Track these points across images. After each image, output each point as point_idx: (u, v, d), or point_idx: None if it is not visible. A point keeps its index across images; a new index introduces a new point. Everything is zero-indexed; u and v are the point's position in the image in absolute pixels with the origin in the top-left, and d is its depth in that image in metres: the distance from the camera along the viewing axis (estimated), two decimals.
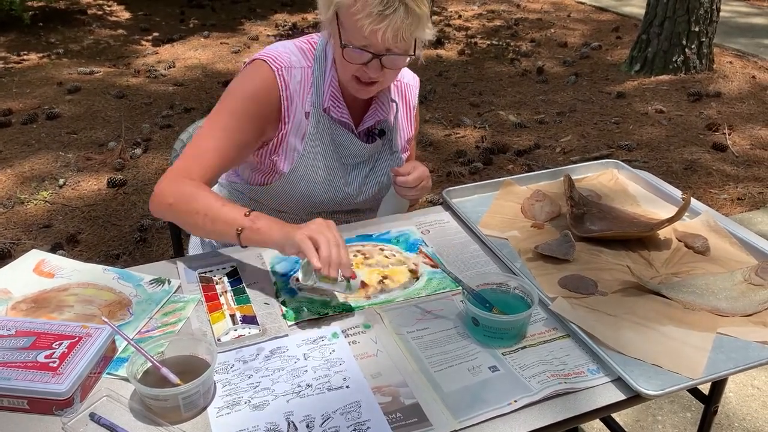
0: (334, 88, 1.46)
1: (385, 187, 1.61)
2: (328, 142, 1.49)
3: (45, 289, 1.28)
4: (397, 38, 1.28)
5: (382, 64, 1.34)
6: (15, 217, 3.20)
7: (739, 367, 1.09)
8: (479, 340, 1.16)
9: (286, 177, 1.50)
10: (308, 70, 1.46)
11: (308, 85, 1.46)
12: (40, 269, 1.34)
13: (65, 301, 1.24)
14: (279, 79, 1.42)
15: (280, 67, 1.42)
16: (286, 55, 1.45)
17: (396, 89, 1.60)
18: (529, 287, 1.20)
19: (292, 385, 1.06)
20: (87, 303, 1.24)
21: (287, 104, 1.44)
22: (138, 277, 1.32)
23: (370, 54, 1.32)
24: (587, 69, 5.28)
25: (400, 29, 1.27)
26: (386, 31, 1.26)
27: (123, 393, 1.04)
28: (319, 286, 1.19)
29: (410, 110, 1.65)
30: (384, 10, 1.25)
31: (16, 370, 1.01)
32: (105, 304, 1.24)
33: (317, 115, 1.46)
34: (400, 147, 1.62)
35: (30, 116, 4.26)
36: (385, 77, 1.38)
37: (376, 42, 1.29)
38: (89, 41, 6.06)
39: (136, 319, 1.21)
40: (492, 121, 4.32)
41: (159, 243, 3.02)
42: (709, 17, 4.94)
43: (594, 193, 1.63)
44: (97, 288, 1.29)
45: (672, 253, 1.41)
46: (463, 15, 7.00)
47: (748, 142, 4.02)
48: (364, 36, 1.28)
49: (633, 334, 1.16)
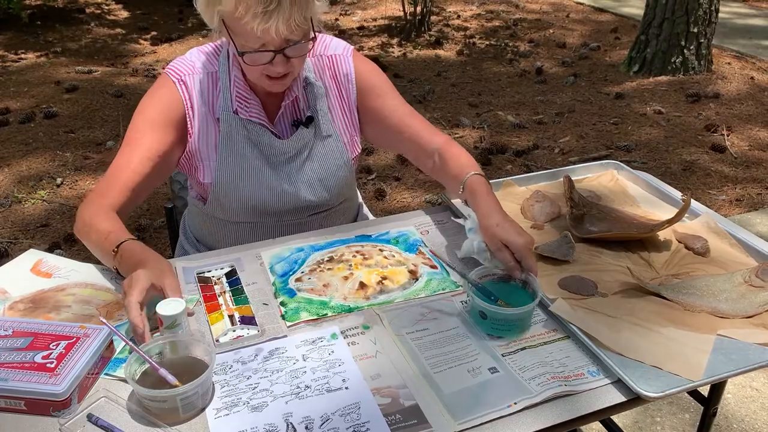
0: (239, 88, 1.41)
1: (332, 176, 1.51)
2: (245, 145, 1.44)
3: (43, 289, 1.27)
4: (291, 27, 1.24)
5: (287, 57, 1.30)
6: (12, 216, 3.19)
7: (740, 369, 1.09)
8: (488, 333, 1.17)
9: (213, 189, 1.46)
10: (214, 74, 1.43)
11: (216, 90, 1.43)
12: (37, 269, 1.33)
13: (63, 301, 1.24)
14: (180, 88, 1.41)
15: (181, 76, 1.41)
16: (189, 63, 1.43)
17: (320, 67, 1.50)
18: (530, 277, 1.21)
19: (291, 387, 1.05)
20: (85, 303, 1.23)
21: (191, 114, 1.42)
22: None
23: (271, 52, 1.28)
24: (586, 70, 5.28)
25: (290, 19, 1.23)
26: (277, 25, 1.22)
27: (121, 394, 1.03)
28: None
29: (345, 90, 1.53)
30: (267, 7, 1.21)
31: (13, 370, 1.00)
32: (103, 304, 1.24)
33: (228, 119, 1.42)
34: (337, 129, 1.51)
35: (27, 115, 4.25)
36: (294, 66, 1.34)
37: (272, 39, 1.25)
38: (87, 40, 6.05)
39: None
40: (491, 121, 4.31)
41: (156, 243, 3.01)
42: (708, 18, 4.95)
43: (594, 194, 1.63)
44: (95, 288, 1.28)
45: (672, 254, 1.41)
46: (462, 15, 6.99)
47: (747, 143, 4.02)
48: (258, 37, 1.25)
49: (633, 335, 1.15)
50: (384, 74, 1.59)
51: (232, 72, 1.41)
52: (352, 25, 6.54)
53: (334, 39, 1.54)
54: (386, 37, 6.15)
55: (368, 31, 6.37)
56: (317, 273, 1.34)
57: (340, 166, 1.51)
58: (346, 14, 6.99)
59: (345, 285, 1.30)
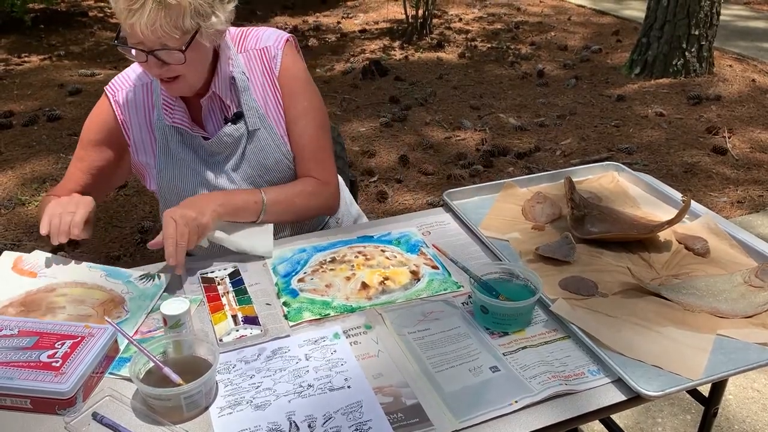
0: (165, 95, 1.42)
1: (272, 170, 1.49)
2: (181, 149, 1.46)
3: (31, 290, 1.26)
4: (157, 33, 1.23)
5: (162, 60, 1.28)
6: (16, 219, 3.20)
7: (739, 369, 1.10)
8: (489, 328, 1.18)
9: (161, 195, 1.52)
10: (149, 85, 1.46)
11: (151, 100, 1.46)
12: (19, 268, 1.32)
13: (55, 302, 1.24)
14: (114, 104, 1.46)
15: (115, 93, 1.46)
16: (124, 77, 1.48)
17: (251, 60, 1.47)
18: (532, 275, 1.23)
19: (294, 385, 1.06)
20: (78, 303, 1.24)
21: (126, 127, 1.47)
22: (126, 274, 1.33)
23: (143, 52, 1.26)
24: (587, 72, 5.29)
25: (155, 23, 1.21)
26: (140, 25, 1.21)
27: (125, 393, 1.04)
28: None
29: (271, 76, 1.48)
30: (132, 5, 1.21)
31: (19, 369, 1.01)
32: (98, 303, 1.24)
33: (161, 127, 1.45)
34: (272, 121, 1.48)
35: (31, 118, 4.27)
36: (182, 71, 1.32)
37: (140, 38, 1.24)
38: (90, 43, 6.08)
39: (133, 316, 1.21)
40: (492, 123, 4.32)
41: None
42: (709, 21, 4.95)
43: (594, 195, 1.64)
44: (86, 287, 1.28)
45: (672, 255, 1.41)
46: (464, 18, 7.01)
47: (748, 146, 4.02)
48: (130, 33, 1.25)
49: (633, 335, 1.16)
50: (310, 82, 1.53)
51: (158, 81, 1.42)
52: (354, 28, 6.56)
53: (268, 30, 1.51)
54: (388, 40, 6.17)
55: (370, 34, 6.39)
56: (320, 273, 1.35)
57: (280, 158, 1.49)
58: (348, 17, 7.01)
59: (347, 285, 1.31)
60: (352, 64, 5.45)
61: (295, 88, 1.49)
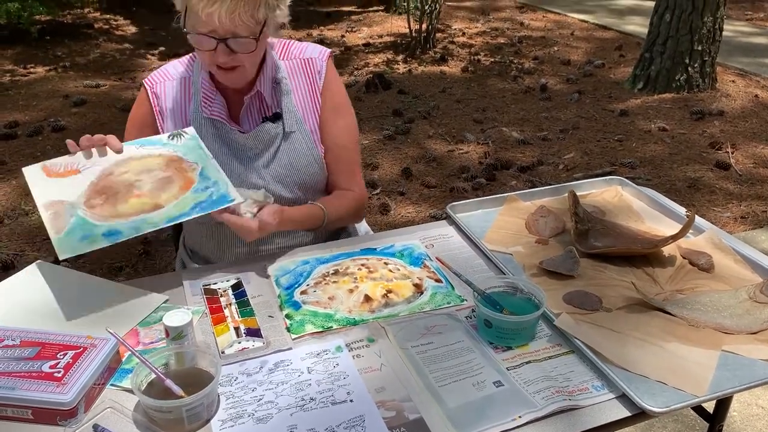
0: (205, 88, 1.47)
1: (302, 172, 1.53)
2: (214, 142, 1.48)
3: (93, 181, 1.31)
4: (235, 21, 1.30)
5: (230, 49, 1.34)
6: (19, 229, 3.20)
7: (745, 385, 1.09)
8: (492, 342, 1.18)
9: None
10: (188, 79, 1.51)
11: (189, 94, 1.50)
12: (56, 171, 1.33)
13: (126, 179, 1.32)
14: (151, 95, 1.50)
15: (153, 84, 1.51)
16: (163, 71, 1.53)
17: (293, 68, 1.53)
18: (536, 289, 1.22)
19: (296, 399, 1.05)
20: (147, 172, 1.31)
21: (160, 118, 1.50)
22: (156, 138, 1.41)
23: (215, 39, 1.32)
24: (590, 87, 5.30)
25: (235, 11, 1.29)
26: (220, 13, 1.28)
27: (127, 404, 1.04)
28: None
29: (315, 87, 1.55)
30: None
31: (20, 379, 1.01)
32: (164, 165, 1.35)
33: (197, 119, 1.48)
34: (308, 126, 1.53)
35: (36, 128, 4.28)
36: (243, 61, 1.38)
37: (215, 25, 1.30)
38: (95, 55, 6.11)
39: (203, 160, 1.37)
40: (495, 137, 4.33)
41: (162, 256, 3.02)
42: (712, 36, 4.97)
43: (598, 209, 1.64)
44: (138, 159, 1.36)
45: (676, 270, 1.41)
46: (467, 32, 7.04)
47: (752, 161, 4.02)
48: (204, 21, 1.30)
49: (637, 350, 1.15)
50: (348, 97, 1.62)
51: (201, 73, 1.47)
52: (357, 42, 6.59)
53: (311, 44, 1.58)
54: (392, 53, 6.19)
55: (374, 47, 6.42)
56: (322, 286, 1.34)
57: (311, 162, 1.53)
58: (352, 31, 7.05)
59: (350, 298, 1.31)
60: (355, 77, 5.47)
61: (337, 103, 1.57)
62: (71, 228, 1.23)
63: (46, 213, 1.25)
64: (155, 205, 1.29)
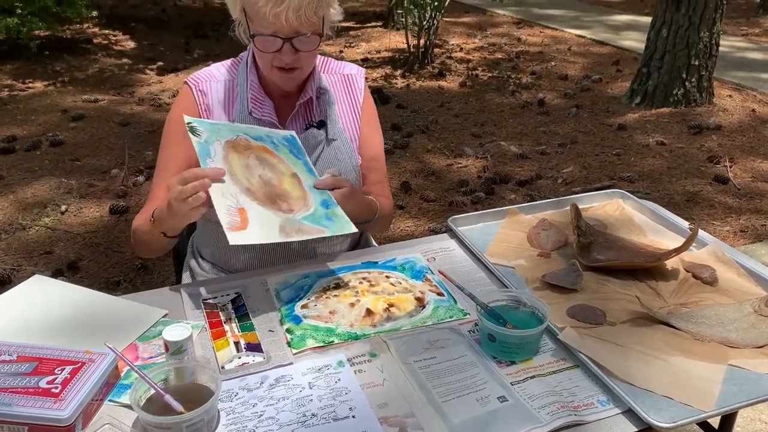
0: (254, 91, 1.49)
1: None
2: None
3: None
4: (300, 19, 1.33)
5: (294, 48, 1.37)
6: (16, 243, 3.19)
7: (752, 400, 1.08)
8: (496, 356, 1.17)
9: None
10: (232, 81, 1.52)
11: (233, 95, 1.51)
12: (237, 226, 1.29)
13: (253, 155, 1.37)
14: (196, 93, 1.50)
15: (198, 83, 1.51)
16: (207, 72, 1.54)
17: (334, 81, 1.60)
18: (539, 303, 1.21)
19: (297, 415, 1.04)
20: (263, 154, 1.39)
21: (206, 115, 1.50)
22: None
23: (280, 39, 1.35)
24: (588, 101, 5.32)
25: (301, 8, 1.31)
26: (288, 12, 1.31)
27: (125, 420, 1.02)
28: None
29: (355, 101, 1.62)
30: None
31: (17, 395, 0.99)
32: (260, 146, 1.40)
33: (243, 121, 1.49)
34: (348, 136, 1.58)
35: (34, 143, 4.28)
36: (303, 62, 1.42)
37: (282, 26, 1.33)
38: (94, 70, 6.12)
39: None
40: (494, 151, 4.33)
41: (160, 270, 3.01)
42: (709, 51, 5.00)
43: (600, 222, 1.63)
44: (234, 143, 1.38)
45: (680, 283, 1.40)
46: (465, 48, 7.08)
47: (750, 175, 4.03)
48: (270, 22, 1.33)
49: (643, 364, 1.14)
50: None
51: (249, 77, 1.49)
52: (356, 57, 6.62)
53: (347, 62, 1.67)
54: (390, 68, 6.22)
55: (372, 62, 6.45)
56: (323, 300, 1.33)
57: (350, 170, 1.56)
58: (350, 46, 7.08)
59: (351, 312, 1.29)
60: None
61: (372, 120, 1.66)
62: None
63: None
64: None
